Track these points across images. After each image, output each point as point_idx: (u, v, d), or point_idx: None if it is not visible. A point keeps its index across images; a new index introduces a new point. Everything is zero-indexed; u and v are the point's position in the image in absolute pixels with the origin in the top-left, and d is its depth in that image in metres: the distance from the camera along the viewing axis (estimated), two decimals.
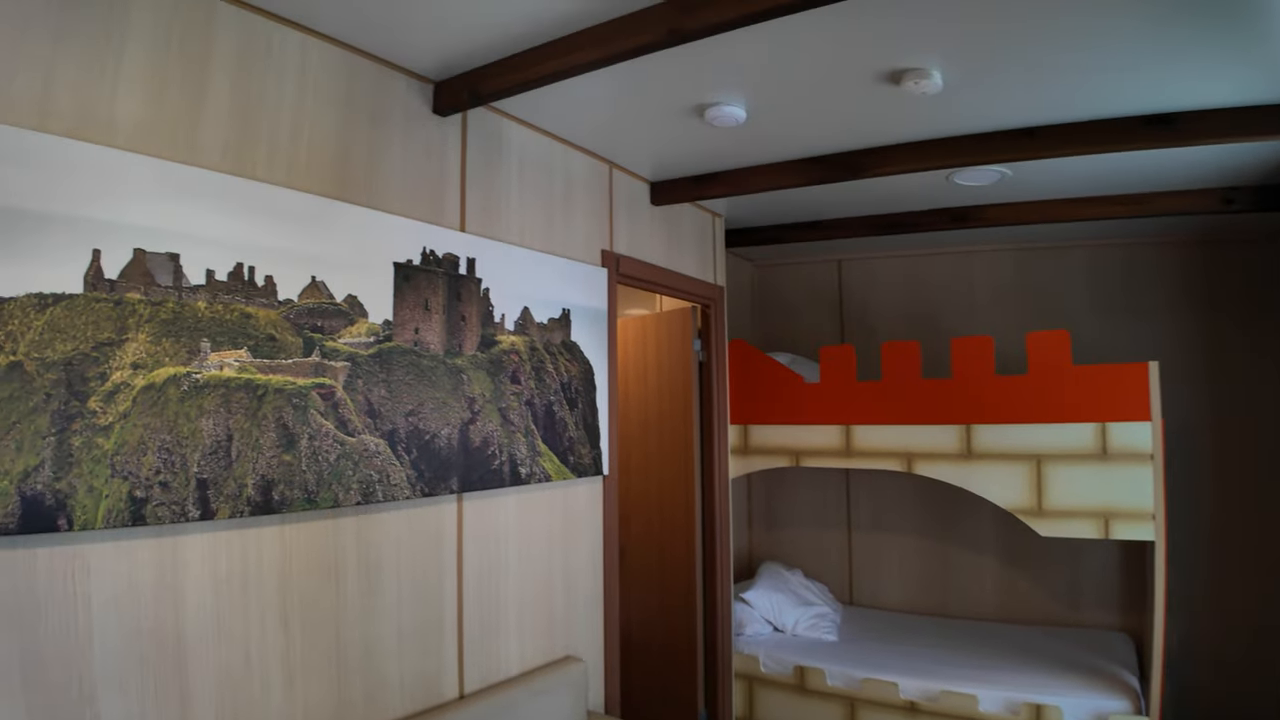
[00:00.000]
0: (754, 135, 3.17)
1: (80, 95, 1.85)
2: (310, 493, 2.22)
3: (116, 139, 1.91)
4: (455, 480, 2.65)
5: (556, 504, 3.12)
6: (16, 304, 1.73)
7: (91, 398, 1.83)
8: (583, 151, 3.35)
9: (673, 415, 4.18)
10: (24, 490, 1.72)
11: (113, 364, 1.87)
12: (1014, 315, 4.99)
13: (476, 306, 2.78)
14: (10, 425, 1.71)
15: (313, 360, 2.26)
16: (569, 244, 3.24)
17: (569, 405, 3.14)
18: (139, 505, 1.89)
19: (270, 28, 2.24)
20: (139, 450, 1.89)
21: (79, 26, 1.86)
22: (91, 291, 1.84)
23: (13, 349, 1.72)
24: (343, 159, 2.41)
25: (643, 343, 4.37)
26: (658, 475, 4.29)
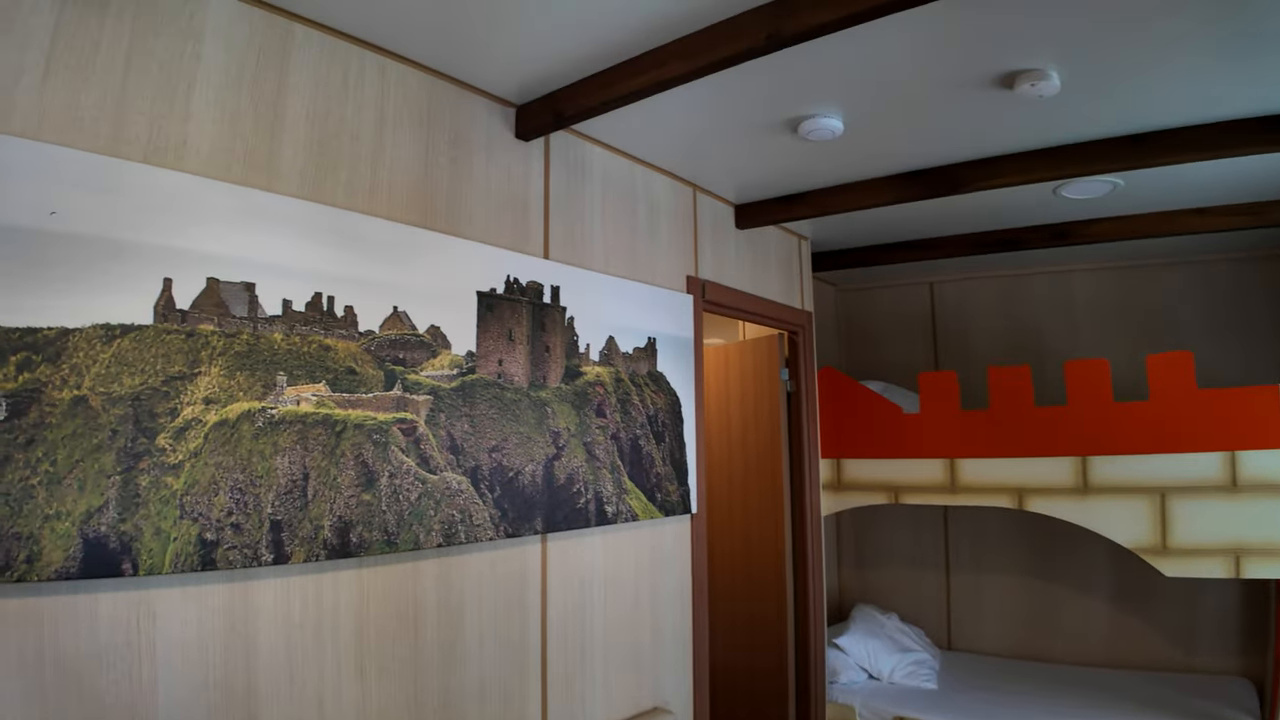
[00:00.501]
0: (849, 149, 2.87)
1: (153, 120, 1.71)
2: (390, 534, 1.99)
3: (190, 164, 1.76)
4: (540, 520, 2.39)
5: (643, 545, 2.83)
6: (82, 335, 1.57)
7: (160, 434, 1.65)
8: (665, 174, 3.12)
9: (759, 448, 3.85)
10: (87, 532, 1.54)
11: (184, 399, 1.69)
12: (1120, 337, 4.49)
13: (561, 336, 2.54)
14: (73, 463, 1.54)
15: (394, 394, 2.05)
16: (653, 270, 2.99)
17: (656, 439, 2.87)
18: (209, 549, 1.69)
19: (349, 50, 2.09)
20: (210, 490, 1.70)
21: (151, 50, 1.72)
22: (162, 323, 1.67)
23: (77, 383, 1.55)
24: (424, 185, 2.23)
25: (726, 373, 4.07)
26: (742, 511, 3.95)
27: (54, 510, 1.51)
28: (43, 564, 1.49)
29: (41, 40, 1.57)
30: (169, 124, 1.74)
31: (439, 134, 2.29)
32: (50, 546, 1.50)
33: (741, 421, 3.92)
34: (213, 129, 1.80)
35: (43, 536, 1.49)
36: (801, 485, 3.76)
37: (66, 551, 1.51)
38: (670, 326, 2.99)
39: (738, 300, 3.40)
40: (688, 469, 3.00)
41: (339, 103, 2.05)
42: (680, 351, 3.03)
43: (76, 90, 1.61)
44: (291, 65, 1.97)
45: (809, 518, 3.75)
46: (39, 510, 1.49)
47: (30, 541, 1.48)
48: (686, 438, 3.01)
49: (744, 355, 3.93)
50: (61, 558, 1.51)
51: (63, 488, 1.52)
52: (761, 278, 3.65)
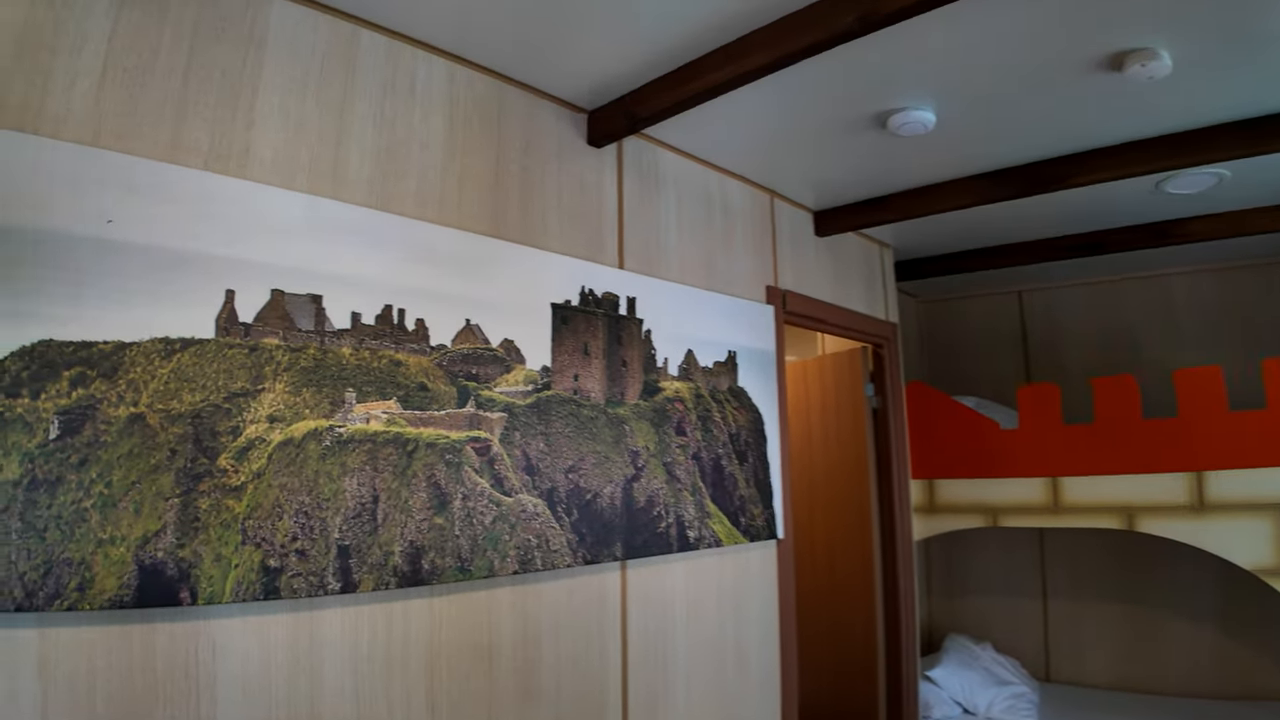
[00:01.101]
0: (939, 145, 2.57)
1: (215, 126, 1.56)
2: (463, 560, 1.77)
3: (254, 172, 1.61)
4: (619, 545, 2.14)
5: (728, 573, 2.54)
6: (140, 349, 1.40)
7: (222, 454, 1.47)
8: (742, 180, 2.87)
9: (843, 469, 3.51)
10: (142, 559, 1.36)
11: (246, 417, 1.51)
12: (1225, 343, 3.99)
13: (638, 350, 2.31)
14: (129, 485, 1.37)
15: (467, 411, 1.84)
16: (731, 280, 2.74)
17: (738, 459, 2.59)
18: (272, 576, 1.50)
19: (415, 55, 1.93)
20: (274, 514, 1.52)
21: (213, 56, 1.58)
22: (224, 336, 1.51)
23: (134, 400, 1.39)
24: (495, 194, 2.04)
25: (806, 389, 3.75)
26: (826, 536, 3.60)
27: (108, 535, 1.34)
28: (95, 592, 1.31)
29: (98, 44, 1.44)
30: (232, 131, 1.59)
31: (510, 141, 2.10)
32: (103, 573, 1.33)
33: (824, 441, 3.60)
34: (276, 136, 1.65)
35: (95, 563, 1.32)
36: (891, 508, 3.40)
37: (121, 579, 1.34)
38: (750, 339, 2.72)
39: (819, 311, 3.11)
40: (773, 491, 2.70)
41: (406, 109, 1.89)
42: (762, 365, 2.75)
43: (135, 95, 1.47)
44: (358, 70, 1.81)
45: (899, 542, 3.38)
46: (92, 534, 1.32)
47: (82, 568, 1.31)
48: (770, 458, 2.72)
49: (825, 370, 3.62)
50: (115, 585, 1.33)
51: (118, 511, 1.35)
52: (843, 287, 3.35)
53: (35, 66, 1.37)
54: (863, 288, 3.50)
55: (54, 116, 1.38)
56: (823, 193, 3.05)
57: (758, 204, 2.93)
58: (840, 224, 3.17)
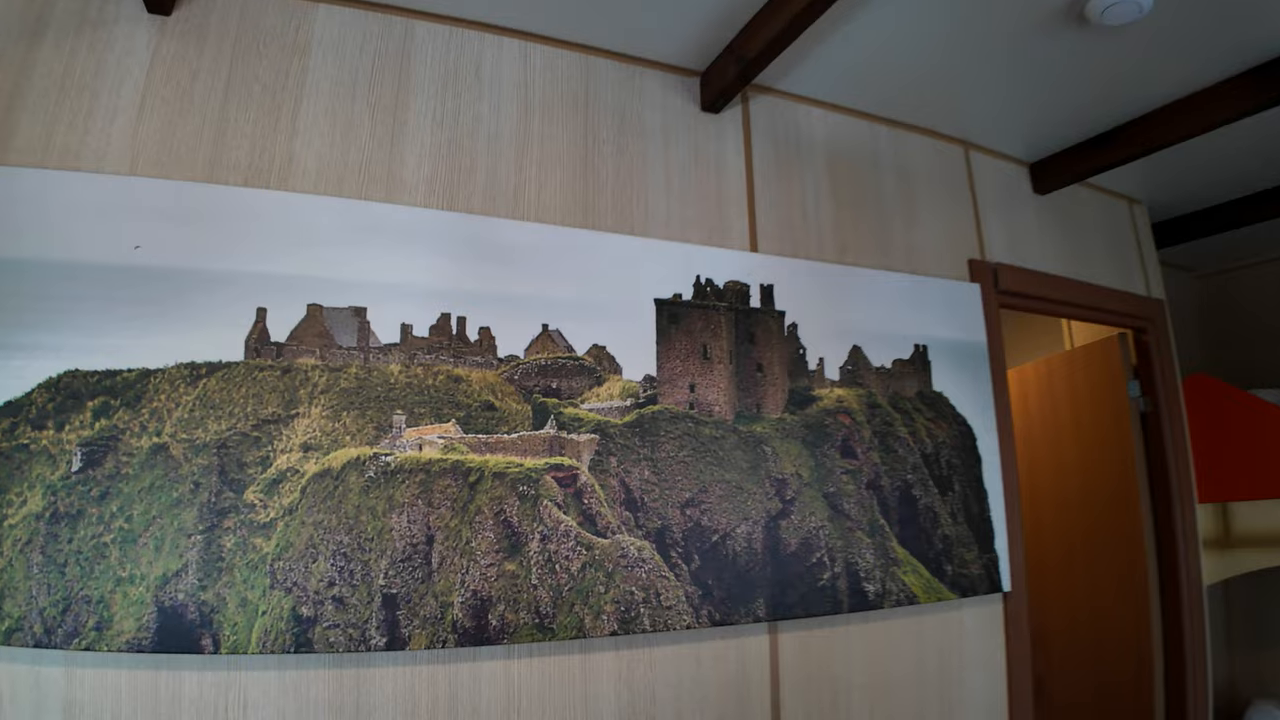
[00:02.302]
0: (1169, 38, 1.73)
1: (255, 141, 1.46)
2: (543, 616, 1.42)
3: (296, 182, 1.47)
4: (762, 602, 1.63)
5: (928, 640, 1.86)
6: (165, 376, 1.29)
7: (249, 488, 1.31)
8: (918, 131, 2.24)
9: (1103, 494, 2.54)
10: (162, 599, 1.22)
11: (277, 445, 1.34)
12: None
13: (779, 350, 1.81)
14: (150, 520, 1.24)
15: (546, 433, 1.51)
16: (915, 255, 2.11)
17: (939, 487, 1.92)
18: (305, 626, 1.28)
19: (481, 40, 1.71)
20: (307, 555, 1.31)
21: (254, 72, 1.49)
22: (254, 359, 1.35)
23: (158, 429, 1.27)
24: (584, 179, 1.73)
25: (1047, 393, 2.83)
26: (1086, 579, 2.61)
27: (128, 572, 1.22)
28: (113, 632, 1.19)
29: (137, 79, 1.41)
30: (273, 144, 1.48)
31: (601, 119, 1.79)
32: (122, 614, 1.20)
33: (1078, 458, 2.64)
34: (322, 143, 1.51)
35: (114, 602, 1.20)
36: (1171, 543, 2.36)
37: (140, 620, 1.21)
38: (948, 328, 2.05)
39: (1047, 288, 2.29)
40: (993, 528, 1.97)
41: (473, 98, 1.67)
42: (967, 362, 2.06)
43: (172, 122, 1.42)
44: (413, 65, 1.64)
45: (1185, 587, 2.32)
46: (111, 572, 1.21)
47: (100, 606, 1.20)
48: (988, 483, 1.99)
49: (1072, 367, 2.69)
50: (134, 627, 1.20)
51: (138, 547, 1.23)
52: (1080, 257, 2.46)
53: (77, 108, 1.37)
54: (1109, 256, 2.55)
55: (95, 153, 1.36)
56: (1034, 137, 2.27)
57: (946, 160, 2.26)
58: (1064, 174, 2.33)
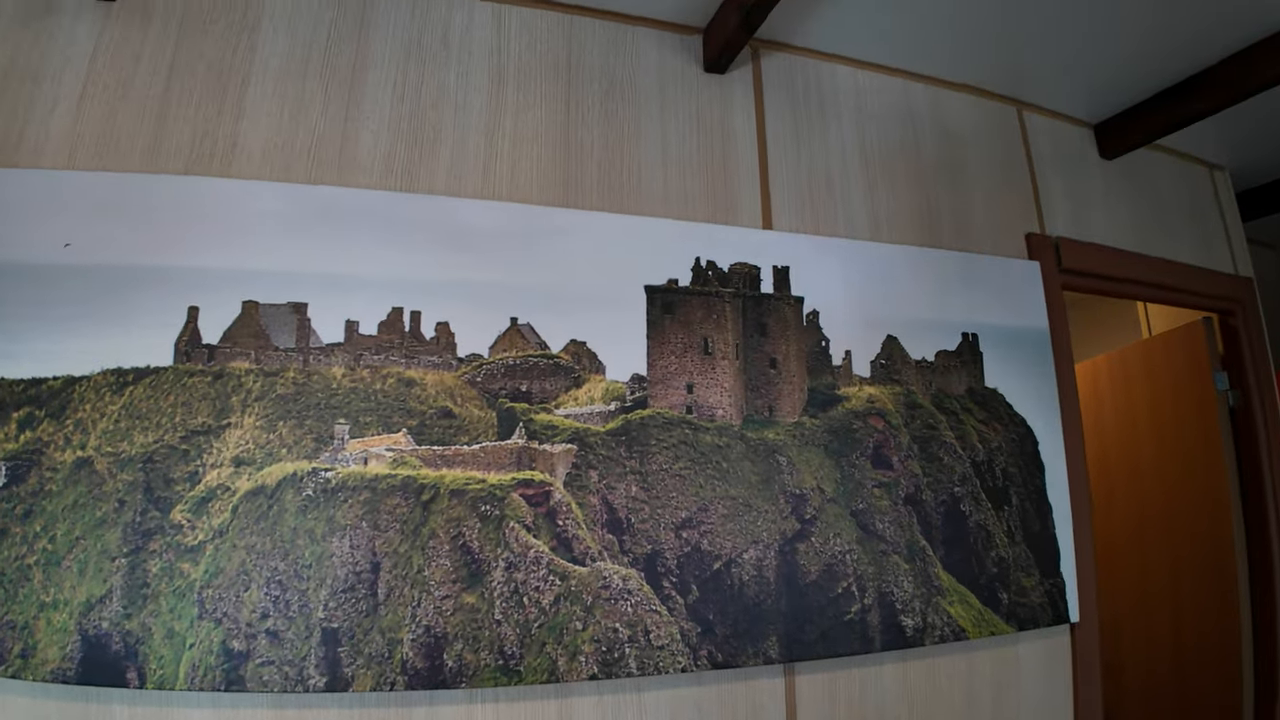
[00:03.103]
0: None
1: (197, 126, 1.33)
2: (508, 657, 1.23)
3: (240, 168, 1.33)
4: (775, 640, 1.39)
5: (980, 680, 1.57)
6: (90, 384, 1.17)
7: (176, 506, 1.17)
8: (963, 90, 1.93)
9: (1186, 501, 2.15)
10: (86, 628, 1.10)
11: (207, 460, 1.20)
12: None
13: (797, 342, 1.56)
14: (73, 541, 1.12)
15: (513, 444, 1.32)
16: (963, 230, 1.81)
17: (992, 501, 1.63)
18: (237, 662, 1.13)
19: (447, 3, 1.54)
20: (238, 582, 1.16)
21: (199, 50, 1.36)
22: (184, 363, 1.22)
23: (82, 442, 1.15)
24: (564, 152, 1.53)
25: (1122, 389, 2.43)
26: (1169, 600, 2.22)
27: (50, 597, 1.11)
28: (38, 661, 1.09)
29: (79, 67, 1.31)
30: (217, 127, 1.34)
31: (586, 85, 1.58)
32: (46, 641, 1.09)
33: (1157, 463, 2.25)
34: (269, 124, 1.37)
35: (38, 628, 1.10)
36: (1267, 558, 1.96)
37: (64, 649, 1.09)
38: (1002, 313, 1.75)
39: (1118, 265, 1.94)
40: (1058, 548, 1.66)
41: (438, 67, 1.49)
42: (1026, 352, 1.75)
43: (114, 109, 1.30)
44: (372, 35, 1.47)
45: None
46: (35, 596, 1.10)
47: (25, 633, 1.09)
48: (1052, 496, 1.68)
49: (1150, 357, 2.29)
50: (59, 656, 1.09)
51: (61, 570, 1.11)
52: (1155, 230, 2.08)
53: (18, 98, 1.27)
54: (1188, 229, 2.15)
55: (33, 147, 1.26)
56: (1100, 92, 1.92)
57: (997, 121, 1.94)
58: (1135, 134, 1.95)
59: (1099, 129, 2.05)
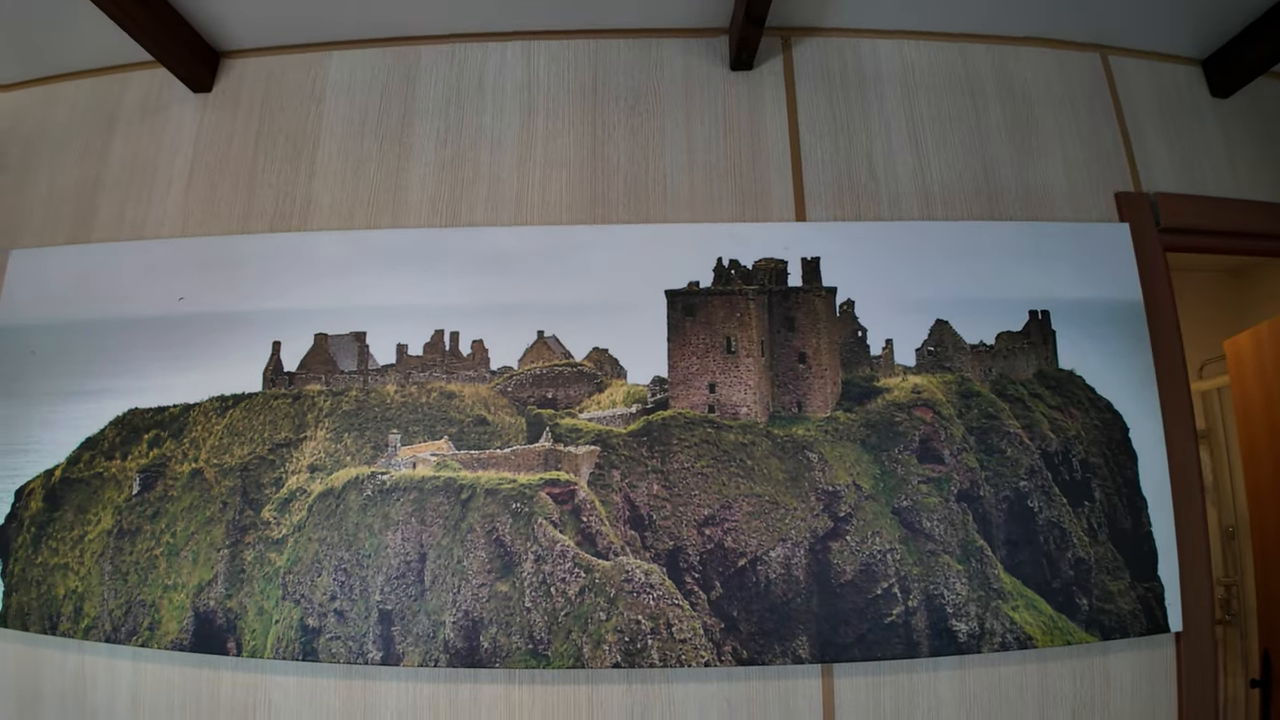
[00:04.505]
0: None
1: (279, 189, 1.59)
2: (537, 642, 1.34)
3: (313, 221, 1.58)
4: (805, 639, 1.37)
5: (1056, 694, 1.40)
6: (200, 409, 1.46)
7: (265, 506, 1.41)
8: (1035, 44, 1.73)
9: None
10: (198, 606, 1.38)
11: (289, 467, 1.43)
12: None
13: (828, 334, 1.51)
14: (189, 535, 1.40)
15: (541, 447, 1.43)
16: (1034, 198, 1.63)
17: (1069, 496, 1.46)
18: (311, 636, 1.35)
19: (485, 51, 1.70)
20: (313, 569, 1.38)
21: (278, 125, 1.63)
22: (270, 388, 1.47)
23: (195, 456, 1.44)
24: (593, 171, 1.61)
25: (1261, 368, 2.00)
26: None
27: (172, 581, 1.39)
28: (162, 632, 1.37)
29: (186, 151, 1.62)
30: (294, 188, 1.59)
31: (612, 103, 1.65)
32: (168, 616, 1.38)
33: None
34: (335, 180, 1.60)
35: (162, 606, 1.38)
36: None
37: (181, 623, 1.37)
38: (1082, 285, 1.55)
39: (1240, 218, 1.62)
40: (1155, 548, 1.44)
41: (475, 110, 1.64)
42: (1115, 328, 1.54)
43: (214, 183, 1.60)
44: (418, 90, 1.66)
45: None
46: (160, 580, 1.40)
47: (152, 609, 1.39)
48: (1148, 489, 1.46)
49: None
50: (177, 629, 1.37)
51: (179, 559, 1.40)
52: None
53: (144, 183, 1.61)
54: None
55: (156, 220, 1.59)
56: (1204, 20, 1.62)
57: (1076, 73, 1.71)
58: (1253, 61, 1.61)
59: (1208, 63, 1.74)
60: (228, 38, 1.65)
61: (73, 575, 1.42)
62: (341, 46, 1.69)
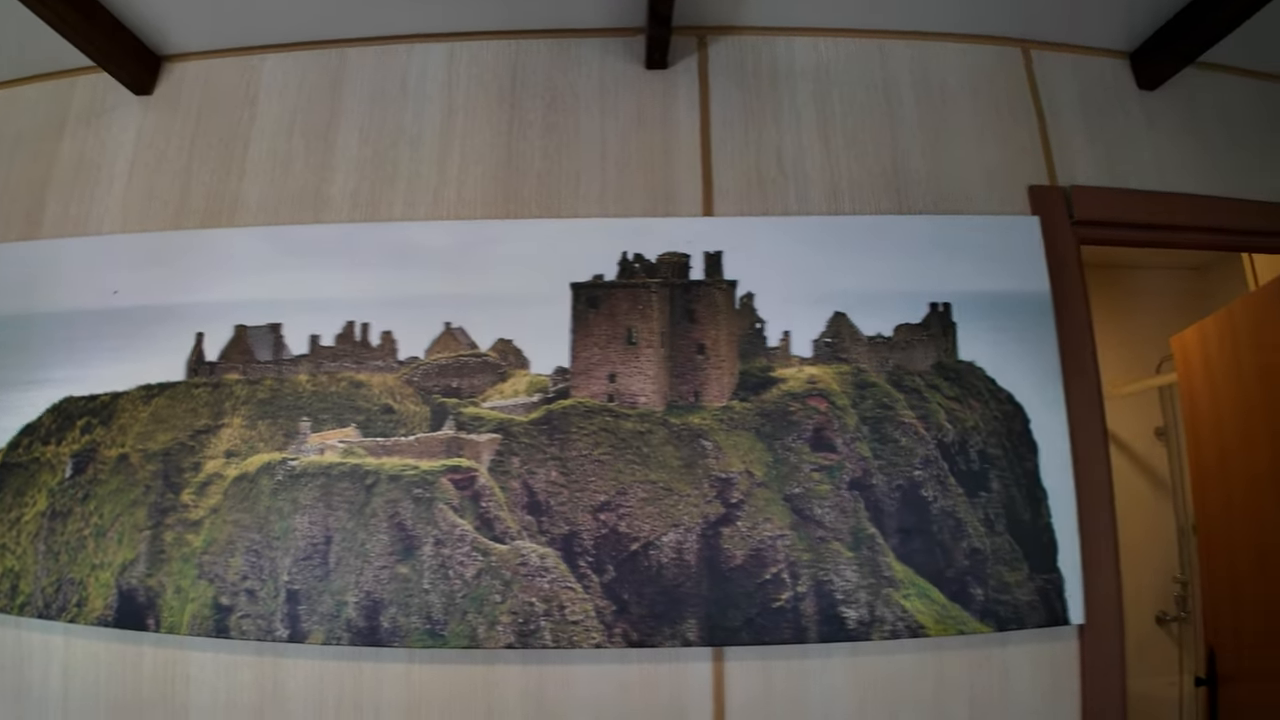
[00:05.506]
0: None
1: (211, 188, 1.67)
2: (434, 622, 1.39)
3: (240, 218, 1.64)
4: (695, 623, 1.40)
5: (953, 684, 1.40)
6: (128, 397, 1.53)
7: (184, 490, 1.48)
8: (956, 39, 1.72)
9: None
10: (121, 584, 1.45)
11: (207, 452, 1.50)
12: None
13: (726, 326, 1.53)
14: (115, 517, 1.48)
15: (444, 435, 1.48)
16: (944, 192, 1.63)
17: (965, 486, 1.45)
18: (223, 614, 1.42)
19: (409, 52, 1.76)
20: (227, 550, 1.45)
21: (213, 126, 1.70)
22: (192, 377, 1.54)
23: (122, 441, 1.51)
24: (508, 168, 1.66)
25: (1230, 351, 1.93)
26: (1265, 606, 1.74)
27: (99, 560, 1.47)
28: (89, 609, 1.45)
29: (128, 151, 1.71)
30: (225, 186, 1.67)
31: (529, 102, 1.70)
32: (94, 594, 1.45)
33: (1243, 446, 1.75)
34: (264, 178, 1.67)
35: (90, 584, 1.46)
36: None
37: (106, 600, 1.45)
38: (988, 278, 1.55)
39: (1160, 210, 1.59)
40: (1055, 539, 1.43)
41: (397, 111, 1.70)
42: (1020, 320, 1.53)
43: (152, 182, 1.68)
44: (345, 91, 1.72)
45: None
46: (88, 559, 1.47)
47: (80, 587, 1.46)
48: (1049, 480, 1.45)
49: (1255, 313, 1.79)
50: (102, 605, 1.44)
51: (106, 540, 1.47)
52: (1228, 167, 1.65)
53: (88, 181, 1.69)
54: (1272, 166, 1.67)
55: (98, 217, 1.67)
56: (1134, 10, 1.59)
57: (999, 67, 1.70)
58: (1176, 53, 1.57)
59: (1136, 56, 1.70)
60: (169, 42, 1.74)
61: (10, 555, 1.51)
62: (275, 50, 1.76)
